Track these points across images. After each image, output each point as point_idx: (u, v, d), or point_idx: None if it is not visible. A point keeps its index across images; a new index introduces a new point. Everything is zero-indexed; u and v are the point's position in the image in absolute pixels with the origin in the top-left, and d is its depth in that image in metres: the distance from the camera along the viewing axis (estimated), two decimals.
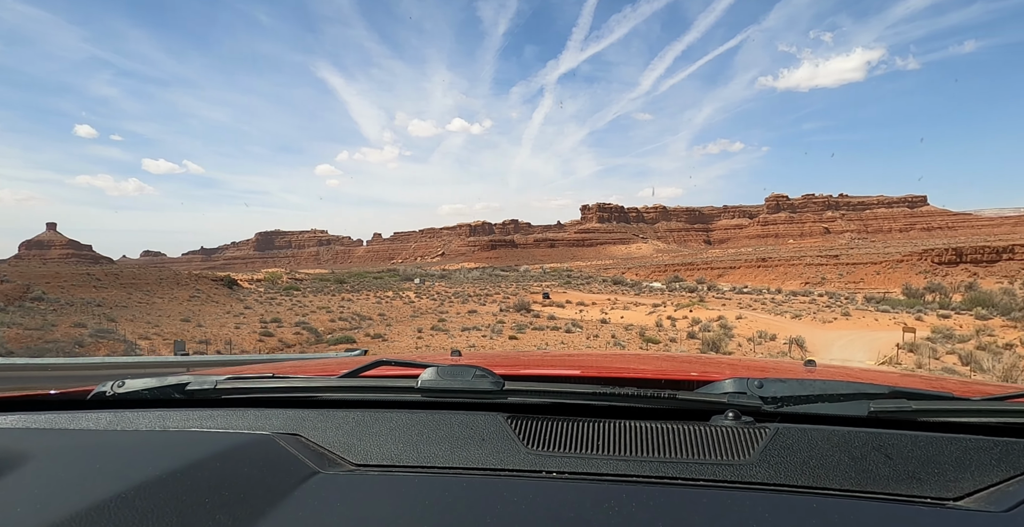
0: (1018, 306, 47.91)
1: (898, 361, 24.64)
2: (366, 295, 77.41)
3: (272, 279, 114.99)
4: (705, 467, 0.94)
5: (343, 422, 1.11)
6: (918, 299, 69.71)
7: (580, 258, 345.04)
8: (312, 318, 45.09)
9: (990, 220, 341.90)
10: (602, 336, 32.63)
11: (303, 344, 33.95)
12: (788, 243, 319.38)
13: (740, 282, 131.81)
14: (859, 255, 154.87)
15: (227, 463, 0.94)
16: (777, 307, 64.52)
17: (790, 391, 1.11)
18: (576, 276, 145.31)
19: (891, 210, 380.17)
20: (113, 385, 1.28)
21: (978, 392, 1.45)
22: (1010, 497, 0.85)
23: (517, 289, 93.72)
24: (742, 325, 41.51)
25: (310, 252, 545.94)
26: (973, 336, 37.07)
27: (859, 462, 0.94)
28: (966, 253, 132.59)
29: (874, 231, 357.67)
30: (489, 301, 66.96)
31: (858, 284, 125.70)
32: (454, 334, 34.30)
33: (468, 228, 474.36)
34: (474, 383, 1.14)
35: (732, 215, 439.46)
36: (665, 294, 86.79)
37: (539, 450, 1.00)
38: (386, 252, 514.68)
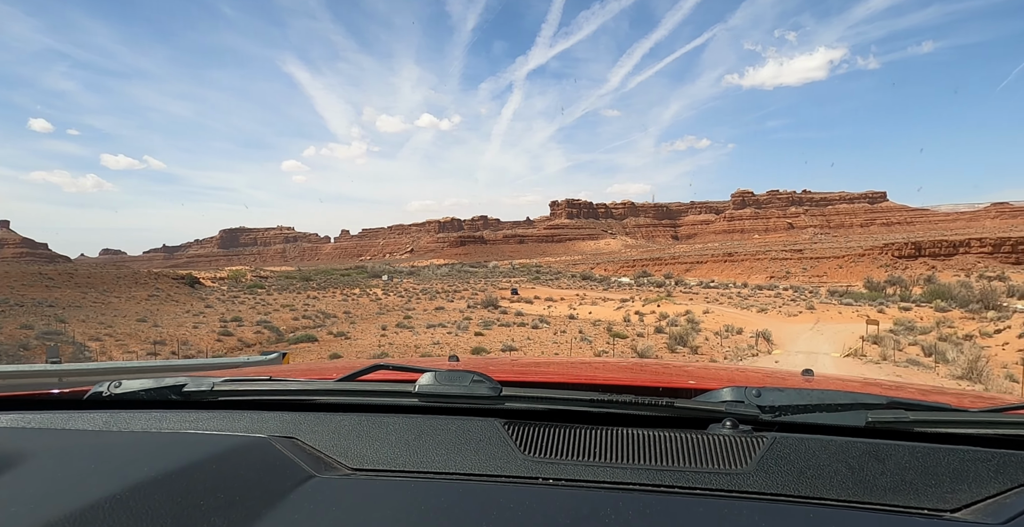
0: (975, 298, 48.89)
1: (863, 353, 24.72)
2: (332, 293, 76.08)
3: (236, 277, 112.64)
4: (702, 476, 0.94)
5: (340, 426, 1.11)
6: (880, 292, 71.08)
7: (549, 254, 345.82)
8: (275, 317, 43.97)
9: (946, 215, 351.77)
10: (569, 332, 32.29)
11: (264, 343, 32.97)
12: (753, 238, 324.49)
13: (707, 277, 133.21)
14: (822, 249, 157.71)
15: (223, 465, 0.93)
16: (743, 301, 65.06)
17: (788, 400, 1.11)
18: (545, 272, 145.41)
19: (852, 206, 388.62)
20: (110, 385, 1.28)
21: (976, 403, 1.46)
22: (1007, 509, 0.85)
23: (486, 285, 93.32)
24: (709, 319, 41.56)
25: (276, 249, 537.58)
26: (934, 328, 37.64)
27: (856, 472, 0.94)
28: (925, 247, 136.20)
29: (836, 226, 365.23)
30: (457, 298, 66.31)
31: (821, 278, 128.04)
32: (419, 332, 33.63)
33: (437, 224, 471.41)
34: (472, 388, 1.13)
35: (699, 211, 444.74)
36: (633, 289, 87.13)
37: (536, 457, 1.00)
38: (354, 249, 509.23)
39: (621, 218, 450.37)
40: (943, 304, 50.38)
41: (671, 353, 24.04)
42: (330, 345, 29.36)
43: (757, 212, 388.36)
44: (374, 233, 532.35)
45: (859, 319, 47.80)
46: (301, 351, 28.07)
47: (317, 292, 77.28)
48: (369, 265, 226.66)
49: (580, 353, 23.83)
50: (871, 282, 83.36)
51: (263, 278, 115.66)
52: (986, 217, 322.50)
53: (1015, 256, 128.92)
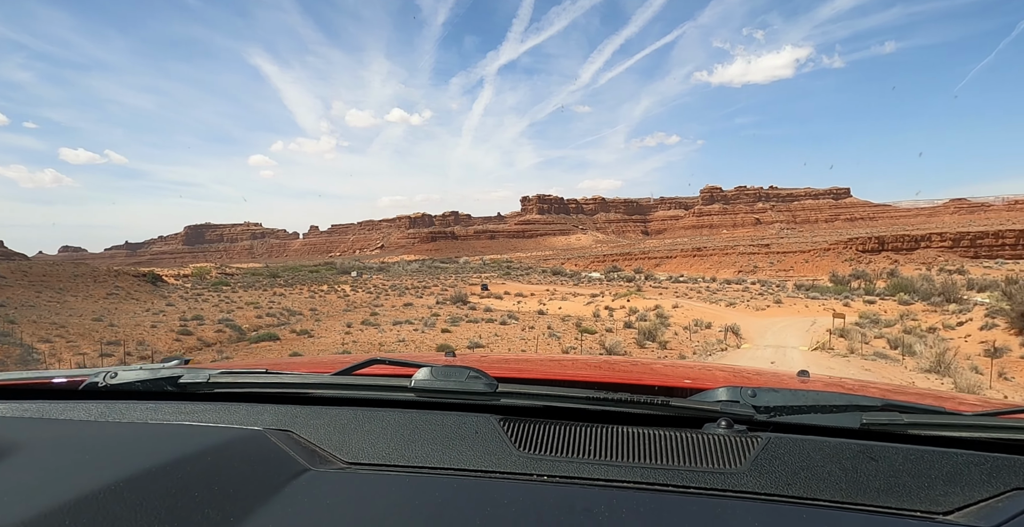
0: (937, 291, 49.75)
1: (831, 346, 24.74)
2: (300, 289, 74.76)
3: (200, 274, 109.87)
4: (696, 474, 0.95)
5: (335, 419, 1.11)
6: (845, 285, 72.17)
7: (520, 249, 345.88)
8: (238, 315, 42.79)
9: (907, 211, 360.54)
10: (538, 327, 31.89)
11: (224, 342, 32.00)
12: (722, 233, 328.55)
13: (676, 271, 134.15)
14: (788, 244, 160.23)
15: (218, 457, 0.93)
16: (712, 295, 65.50)
17: (783, 401, 1.12)
18: (516, 267, 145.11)
19: (817, 201, 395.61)
20: (106, 376, 1.27)
21: (970, 407, 1.48)
22: (1000, 513, 0.86)
23: (456, 281, 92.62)
24: (678, 314, 41.55)
25: (243, 246, 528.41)
26: (898, 320, 38.10)
27: (850, 474, 0.95)
28: (888, 241, 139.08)
29: (802, 221, 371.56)
30: (427, 293, 65.58)
31: (788, 272, 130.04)
32: (385, 329, 32.91)
33: (408, 220, 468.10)
34: (468, 384, 1.14)
35: (669, 206, 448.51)
36: (604, 284, 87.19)
37: (531, 453, 1.00)
38: (323, 245, 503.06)
39: (592, 213, 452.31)
40: (906, 297, 51.22)
41: (640, 348, 23.75)
42: (292, 343, 28.56)
43: (725, 208, 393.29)
44: (344, 229, 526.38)
45: (825, 312, 48.29)
46: (261, 350, 27.21)
47: (284, 289, 75.87)
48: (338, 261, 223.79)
49: (549, 349, 23.41)
50: (836, 276, 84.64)
51: (228, 275, 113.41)
52: (945, 213, 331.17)
53: (973, 250, 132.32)
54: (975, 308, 37.34)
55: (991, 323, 30.91)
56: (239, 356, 25.08)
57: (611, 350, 21.24)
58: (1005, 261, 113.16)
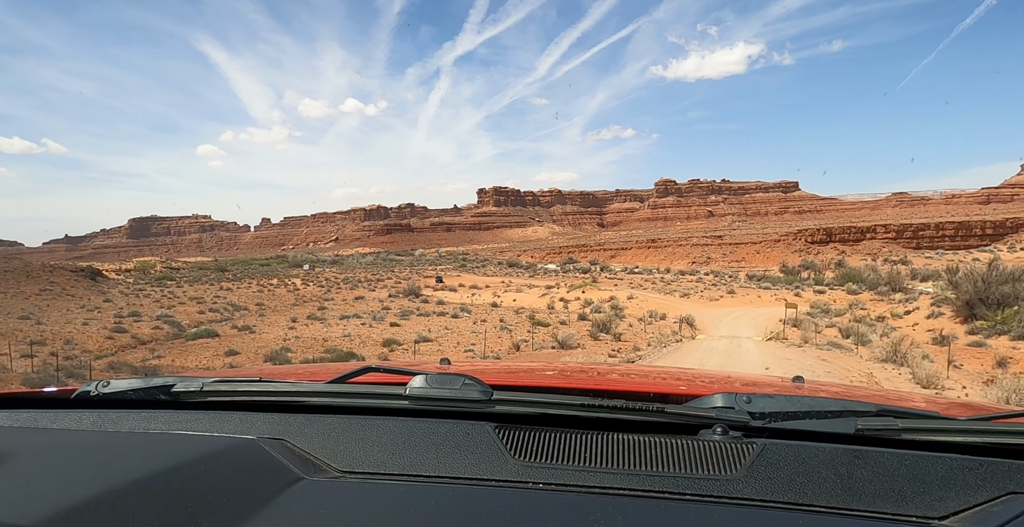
0: (883, 281, 50.77)
1: (785, 336, 24.55)
2: (248, 283, 72.34)
3: (143, 268, 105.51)
4: (692, 481, 0.95)
5: (329, 428, 1.11)
6: (795, 276, 73.55)
7: (477, 242, 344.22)
8: (179, 310, 40.91)
9: (852, 204, 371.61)
10: (491, 320, 31.08)
11: (160, 340, 30.29)
12: (676, 225, 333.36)
13: (632, 263, 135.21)
14: (740, 236, 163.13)
15: (211, 467, 0.93)
16: (667, 286, 65.81)
17: (778, 407, 1.12)
18: (472, 259, 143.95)
19: (768, 195, 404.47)
20: (98, 385, 1.27)
21: (964, 411, 1.49)
22: (995, 517, 0.86)
23: (411, 274, 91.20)
24: (633, 305, 41.32)
25: (192, 239, 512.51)
26: (847, 310, 38.58)
27: (845, 479, 0.95)
28: (835, 233, 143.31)
29: (752, 214, 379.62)
30: (380, 287, 64.25)
31: (740, 263, 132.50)
32: (331, 323, 31.64)
33: (363, 212, 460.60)
34: (463, 392, 1.13)
35: (624, 199, 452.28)
36: (559, 276, 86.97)
37: (526, 461, 1.00)
38: (276, 238, 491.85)
39: (548, 206, 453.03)
40: (854, 287, 52.24)
41: (594, 341, 23.14)
42: (232, 340, 27.13)
43: (679, 200, 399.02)
44: (297, 221, 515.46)
45: (777, 302, 48.75)
46: (197, 348, 25.69)
47: (232, 283, 73.38)
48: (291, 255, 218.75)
49: (500, 343, 22.58)
50: (786, 266, 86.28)
51: (174, 269, 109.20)
52: (887, 206, 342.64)
53: (916, 241, 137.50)
54: (920, 297, 38.04)
55: (937, 311, 31.35)
56: (172, 355, 23.62)
57: (563, 343, 20.54)
58: (945, 252, 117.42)
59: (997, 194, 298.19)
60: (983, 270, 29.47)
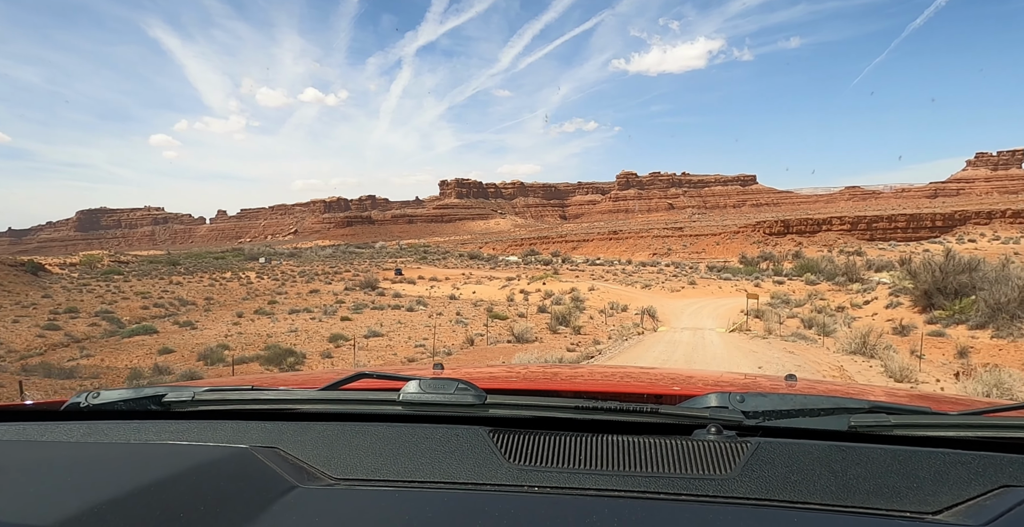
0: (840, 272, 51.23)
1: (748, 328, 24.02)
2: (200, 277, 69.88)
3: (90, 262, 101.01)
4: (687, 482, 0.95)
5: (323, 435, 1.10)
6: (754, 267, 74.17)
7: (439, 234, 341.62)
8: (122, 306, 38.83)
9: (807, 197, 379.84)
10: (447, 313, 29.98)
11: (95, 338, 28.46)
12: (637, 218, 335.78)
13: (593, 254, 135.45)
14: (700, 227, 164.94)
15: (204, 477, 0.92)
16: (628, 277, 65.59)
17: (771, 405, 1.13)
18: (433, 252, 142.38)
19: (726, 188, 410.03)
20: (88, 396, 1.26)
21: (955, 406, 1.51)
22: (988, 511, 0.87)
23: (370, 266, 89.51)
24: (594, 296, 40.67)
25: (144, 232, 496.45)
26: (807, 300, 38.56)
27: (839, 476, 0.96)
28: (792, 225, 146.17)
29: (712, 207, 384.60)
30: (337, 280, 62.58)
31: (700, 254, 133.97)
32: (279, 318, 30.17)
33: (323, 204, 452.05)
34: (456, 396, 1.13)
35: (586, 191, 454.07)
36: (521, 268, 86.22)
37: (521, 464, 1.00)
38: (232, 231, 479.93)
39: (511, 198, 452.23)
40: (812, 277, 52.67)
41: (553, 334, 22.24)
42: (171, 337, 25.54)
43: (640, 193, 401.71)
44: (254, 213, 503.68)
45: (738, 293, 48.72)
46: (132, 346, 24.03)
47: (183, 277, 70.78)
48: (247, 247, 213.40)
49: (454, 337, 21.52)
50: (746, 258, 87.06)
51: (123, 263, 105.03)
52: (841, 199, 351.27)
53: (869, 233, 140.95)
54: (878, 287, 38.22)
55: (895, 301, 31.37)
56: (103, 354, 21.98)
57: (520, 337, 19.57)
58: (897, 243, 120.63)
59: (944, 188, 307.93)
60: (941, 260, 29.51)
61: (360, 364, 16.29)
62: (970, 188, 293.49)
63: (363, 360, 17.18)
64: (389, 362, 16.65)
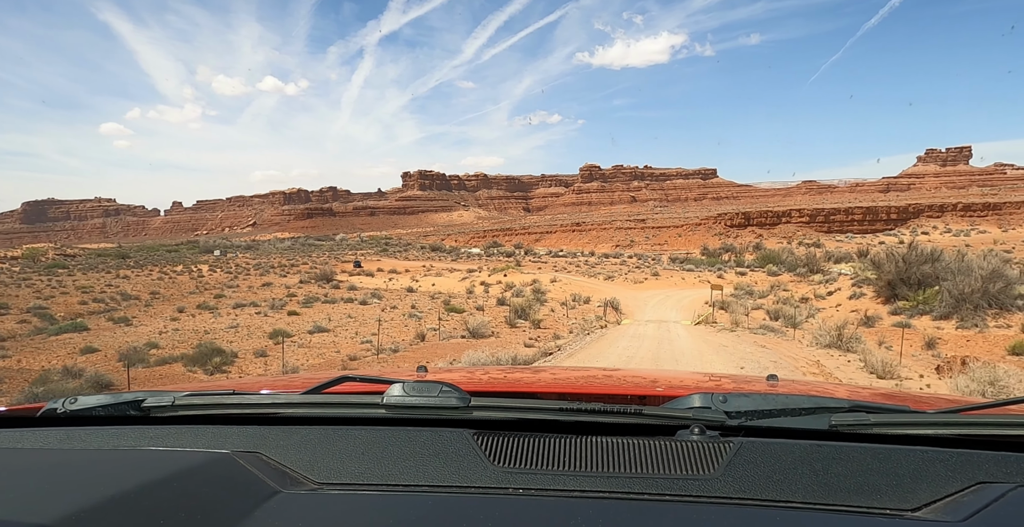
0: (802, 263, 51.30)
1: (714, 320, 23.22)
2: (150, 271, 67.04)
3: (32, 255, 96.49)
4: (671, 482, 0.96)
5: (305, 439, 1.10)
6: (716, 258, 74.40)
7: (402, 226, 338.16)
8: (59, 301, 36.51)
9: (766, 191, 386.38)
10: (402, 307, 28.58)
11: (20, 336, 26.30)
12: (600, 210, 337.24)
13: (556, 246, 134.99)
14: (663, 219, 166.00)
15: (184, 483, 0.91)
16: (591, 269, 64.97)
17: (754, 405, 1.14)
18: (394, 244, 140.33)
19: (687, 181, 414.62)
20: (65, 402, 1.24)
21: (934, 405, 1.53)
22: (966, 507, 0.88)
23: (329, 259, 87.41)
24: (556, 288, 39.73)
25: (95, 224, 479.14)
26: (770, 291, 38.22)
27: (820, 475, 0.97)
28: (753, 217, 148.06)
29: (673, 200, 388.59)
30: (293, 272, 60.62)
31: (663, 246, 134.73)
32: (222, 313, 28.39)
33: (282, 196, 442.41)
34: (440, 399, 1.13)
35: (550, 184, 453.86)
36: (483, 260, 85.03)
37: (506, 467, 1.01)
38: (188, 223, 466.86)
39: (474, 190, 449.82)
40: (774, 268, 52.77)
41: (511, 328, 21.09)
42: (101, 335, 23.69)
43: (603, 186, 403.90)
44: (211, 205, 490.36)
45: (701, 284, 48.36)
46: (56, 345, 22.12)
47: (132, 271, 67.88)
48: (203, 240, 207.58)
49: (406, 332, 20.20)
50: (707, 249, 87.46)
51: (69, 256, 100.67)
52: (798, 193, 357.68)
53: (827, 225, 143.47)
54: (840, 278, 38.06)
55: (859, 292, 31.05)
56: (22, 354, 20.06)
57: (475, 332, 18.34)
58: (854, 235, 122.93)
59: (896, 183, 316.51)
60: (903, 251, 29.24)
61: (290, 367, 14.81)
62: (920, 183, 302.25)
63: (300, 359, 15.75)
64: (330, 361, 15.27)
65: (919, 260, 28.38)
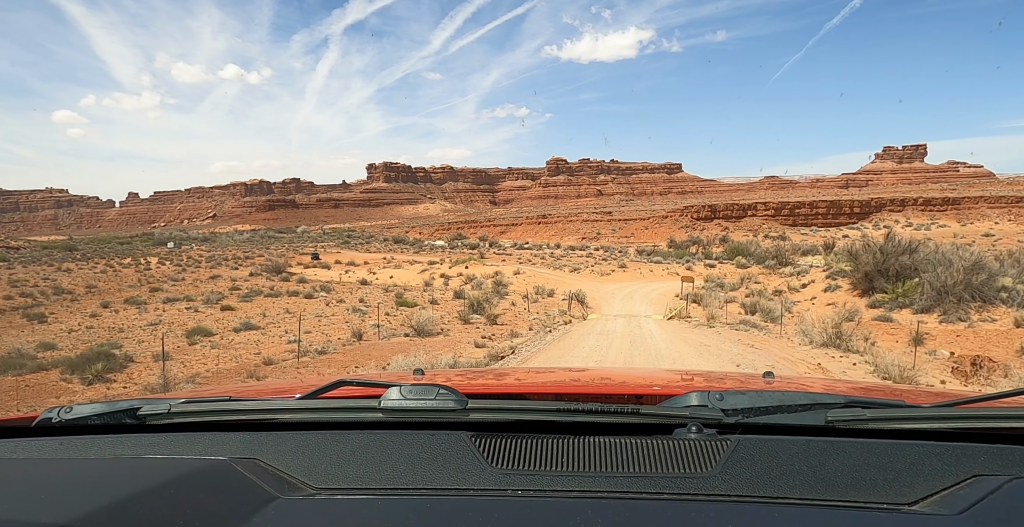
0: (771, 255, 50.33)
1: (688, 314, 21.47)
2: (95, 264, 63.33)
3: None
4: (669, 480, 0.96)
5: (303, 445, 1.10)
6: (684, 250, 73.44)
7: (366, 218, 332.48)
8: None
9: (730, 186, 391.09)
10: (350, 300, 26.26)
11: None
12: (566, 203, 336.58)
13: (522, 238, 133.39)
14: (629, 212, 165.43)
15: (182, 490, 0.91)
16: (556, 261, 63.31)
17: (750, 403, 1.14)
18: (357, 236, 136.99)
19: (653, 175, 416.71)
20: (60, 411, 1.23)
21: (929, 399, 1.55)
22: (962, 500, 0.88)
23: (287, 251, 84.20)
24: (519, 281, 37.85)
25: (46, 215, 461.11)
26: (741, 283, 36.87)
27: (817, 471, 0.97)
28: (719, 210, 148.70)
29: (639, 194, 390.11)
30: (246, 264, 57.85)
31: (629, 238, 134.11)
32: (150, 308, 25.79)
33: (244, 187, 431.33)
34: (437, 402, 1.13)
35: (516, 177, 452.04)
36: (446, 252, 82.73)
37: (504, 468, 1.01)
38: (145, 215, 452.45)
39: (440, 183, 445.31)
40: (743, 261, 51.80)
41: (465, 324, 19.02)
42: (5, 333, 20.89)
43: (570, 179, 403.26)
44: (169, 196, 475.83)
45: (670, 277, 46.89)
46: None
47: (77, 264, 64.03)
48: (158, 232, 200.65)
49: (345, 329, 17.98)
50: (674, 242, 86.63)
51: (12, 249, 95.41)
52: (761, 188, 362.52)
53: (792, 218, 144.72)
54: (812, 270, 36.93)
55: (833, 285, 29.76)
56: None
57: (421, 329, 16.22)
58: (818, 228, 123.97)
59: (855, 179, 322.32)
60: (880, 241, 28.00)
61: (180, 379, 12.45)
62: (878, 179, 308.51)
63: (208, 364, 13.47)
64: (242, 366, 13.00)
65: (897, 251, 27.16)
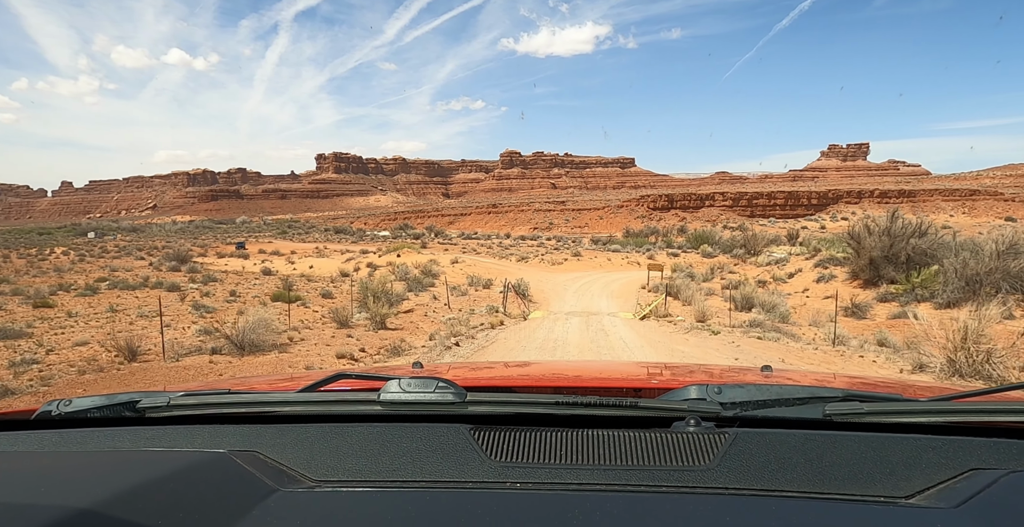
0: (739, 244, 46.27)
1: (667, 311, 16.12)
2: None
3: None
4: (668, 474, 0.97)
5: (302, 437, 1.10)
6: (644, 239, 69.24)
7: (315, 210, 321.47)
8: None
9: (682, 181, 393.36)
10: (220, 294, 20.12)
11: None
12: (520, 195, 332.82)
13: (471, 228, 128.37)
14: (584, 201, 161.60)
15: (181, 483, 0.91)
16: (504, 251, 58.24)
17: (748, 396, 1.15)
18: (298, 227, 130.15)
19: (607, 169, 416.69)
20: (59, 404, 1.23)
21: (926, 393, 1.57)
22: (958, 493, 0.89)
23: (215, 241, 77.47)
24: (455, 270, 32.25)
25: None
26: (712, 274, 32.16)
27: (815, 464, 0.98)
28: (676, 200, 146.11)
29: (593, 187, 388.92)
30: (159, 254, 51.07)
31: (583, 228, 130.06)
32: None
33: (186, 177, 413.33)
34: (437, 395, 1.13)
35: (470, 169, 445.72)
36: (388, 242, 76.68)
37: (503, 461, 1.01)
38: (80, 205, 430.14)
39: (392, 174, 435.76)
40: (709, 249, 47.85)
41: (338, 329, 13.32)
42: None
43: (524, 172, 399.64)
44: (106, 186, 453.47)
45: (631, 266, 41.77)
46: None
47: None
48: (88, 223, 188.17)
49: (155, 337, 12.01)
50: (630, 231, 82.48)
51: None
52: (712, 183, 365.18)
53: (750, 209, 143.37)
54: (792, 259, 32.49)
55: (827, 274, 25.06)
56: None
57: (246, 340, 10.44)
58: (776, 220, 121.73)
59: (802, 175, 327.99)
60: (884, 222, 23.31)
61: None
62: (824, 176, 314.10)
63: None
64: None
65: (906, 233, 22.54)
